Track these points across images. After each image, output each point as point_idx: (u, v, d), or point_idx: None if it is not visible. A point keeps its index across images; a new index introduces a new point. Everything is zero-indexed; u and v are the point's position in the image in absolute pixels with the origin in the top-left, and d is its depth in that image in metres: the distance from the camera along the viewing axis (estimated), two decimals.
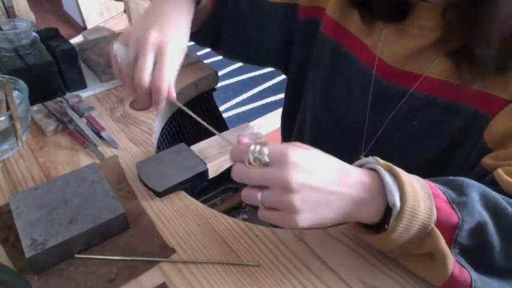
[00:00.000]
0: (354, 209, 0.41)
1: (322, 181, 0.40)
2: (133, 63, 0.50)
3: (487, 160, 0.50)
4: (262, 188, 0.40)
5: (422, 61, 0.56)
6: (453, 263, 0.40)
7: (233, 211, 0.70)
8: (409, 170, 0.44)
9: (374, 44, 0.61)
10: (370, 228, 0.45)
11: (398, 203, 0.39)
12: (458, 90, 0.53)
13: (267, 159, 0.39)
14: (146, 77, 0.49)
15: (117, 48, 0.50)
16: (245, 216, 0.70)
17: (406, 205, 0.39)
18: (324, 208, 0.40)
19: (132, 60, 0.50)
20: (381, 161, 0.43)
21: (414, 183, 0.41)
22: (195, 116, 0.52)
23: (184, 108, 0.53)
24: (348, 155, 0.47)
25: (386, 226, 0.42)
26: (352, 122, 0.66)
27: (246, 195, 0.42)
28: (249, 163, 0.40)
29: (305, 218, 0.39)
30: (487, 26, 0.47)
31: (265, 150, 0.39)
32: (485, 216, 0.41)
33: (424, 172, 0.46)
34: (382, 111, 0.61)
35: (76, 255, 0.51)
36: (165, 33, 0.50)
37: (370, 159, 0.44)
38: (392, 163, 0.43)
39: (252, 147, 0.39)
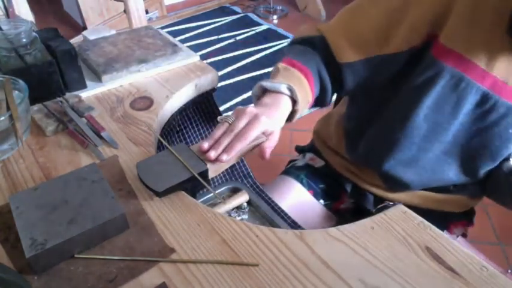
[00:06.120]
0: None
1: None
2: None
3: None
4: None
5: None
6: None
7: (233, 211, 0.70)
8: None
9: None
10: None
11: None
12: None
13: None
14: (237, 129, 0.61)
15: (221, 117, 0.65)
16: (245, 216, 0.70)
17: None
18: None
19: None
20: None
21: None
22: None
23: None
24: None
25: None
26: None
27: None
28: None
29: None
30: None
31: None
32: None
33: None
34: None
35: (76, 255, 0.51)
36: (262, 112, 0.63)
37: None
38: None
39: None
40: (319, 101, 0.75)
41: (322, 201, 0.91)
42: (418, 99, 0.68)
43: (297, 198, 0.89)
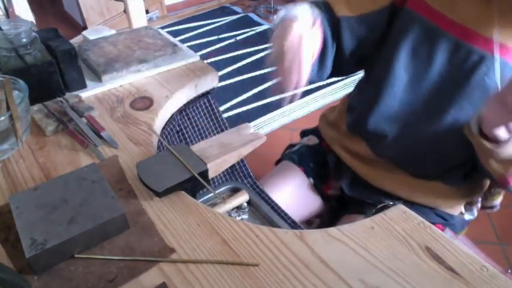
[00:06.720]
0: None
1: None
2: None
3: None
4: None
5: None
6: None
7: (233, 211, 0.70)
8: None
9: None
10: None
11: None
12: None
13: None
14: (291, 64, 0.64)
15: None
16: (245, 216, 0.70)
17: None
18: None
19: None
20: None
21: None
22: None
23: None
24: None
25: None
26: None
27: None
28: None
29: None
30: None
31: None
32: None
33: None
34: None
35: (76, 255, 0.51)
36: (302, 29, 0.65)
37: None
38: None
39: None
40: (321, 60, 0.77)
41: (311, 179, 0.96)
42: (396, 48, 0.74)
43: (289, 176, 0.94)
